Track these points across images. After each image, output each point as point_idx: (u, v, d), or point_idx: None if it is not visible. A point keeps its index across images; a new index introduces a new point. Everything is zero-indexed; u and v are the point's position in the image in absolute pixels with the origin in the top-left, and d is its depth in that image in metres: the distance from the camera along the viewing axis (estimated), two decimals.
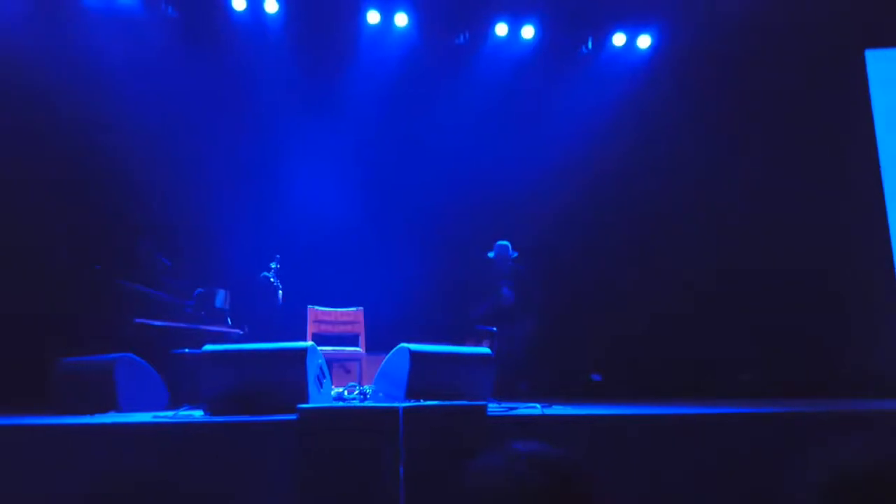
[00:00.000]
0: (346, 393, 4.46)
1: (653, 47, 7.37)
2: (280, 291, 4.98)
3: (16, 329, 5.51)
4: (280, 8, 6.81)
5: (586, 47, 7.39)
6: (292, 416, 2.75)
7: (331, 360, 5.20)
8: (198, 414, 3.32)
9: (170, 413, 3.50)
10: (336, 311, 5.75)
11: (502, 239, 6.13)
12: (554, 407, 3.58)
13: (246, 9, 6.75)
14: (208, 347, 3.49)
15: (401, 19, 7.01)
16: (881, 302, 6.71)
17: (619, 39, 7.37)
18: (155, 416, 3.24)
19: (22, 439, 2.78)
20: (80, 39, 6.35)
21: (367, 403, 3.86)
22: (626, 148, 7.09)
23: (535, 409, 3.27)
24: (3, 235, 5.83)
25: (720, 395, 5.50)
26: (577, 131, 6.99)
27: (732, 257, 6.79)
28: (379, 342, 5.24)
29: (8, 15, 6.14)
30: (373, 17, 6.98)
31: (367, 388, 4.32)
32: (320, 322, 5.64)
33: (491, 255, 6.08)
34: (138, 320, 5.05)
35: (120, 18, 6.49)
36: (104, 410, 3.72)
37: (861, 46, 7.19)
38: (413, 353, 3.56)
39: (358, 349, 5.55)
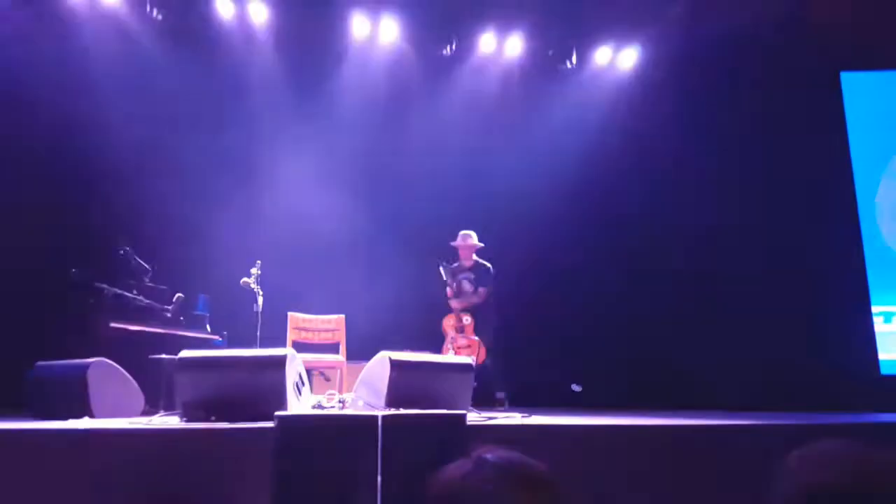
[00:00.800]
0: (325, 401, 4.44)
1: (636, 64, 7.49)
2: (260, 297, 4.94)
3: None
4: (268, 16, 6.81)
5: (570, 62, 7.48)
6: (270, 424, 2.73)
7: (310, 368, 5.17)
8: (174, 421, 3.28)
9: (145, 420, 3.45)
10: (317, 318, 5.72)
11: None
12: (533, 416, 3.59)
13: (233, 16, 6.74)
14: (185, 353, 3.45)
15: (388, 29, 7.04)
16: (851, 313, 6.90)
17: (602, 55, 7.48)
18: (130, 423, 3.19)
19: None
20: (63, 39, 6.30)
21: (346, 412, 3.84)
22: (611, 160, 7.18)
23: (515, 418, 3.27)
24: None
25: (704, 406, 5.55)
26: (561, 143, 7.06)
27: (714, 266, 6.90)
28: (360, 350, 5.22)
29: None
30: (360, 26, 7.00)
31: (347, 397, 4.29)
32: (300, 329, 5.61)
33: (453, 243, 6.07)
34: (115, 324, 4.98)
35: (104, 19, 6.44)
36: (77, 416, 3.65)
37: (837, 69, 7.42)
38: (394, 362, 3.56)
39: (338, 357, 5.52)
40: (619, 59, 7.50)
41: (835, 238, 7.07)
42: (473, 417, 3.36)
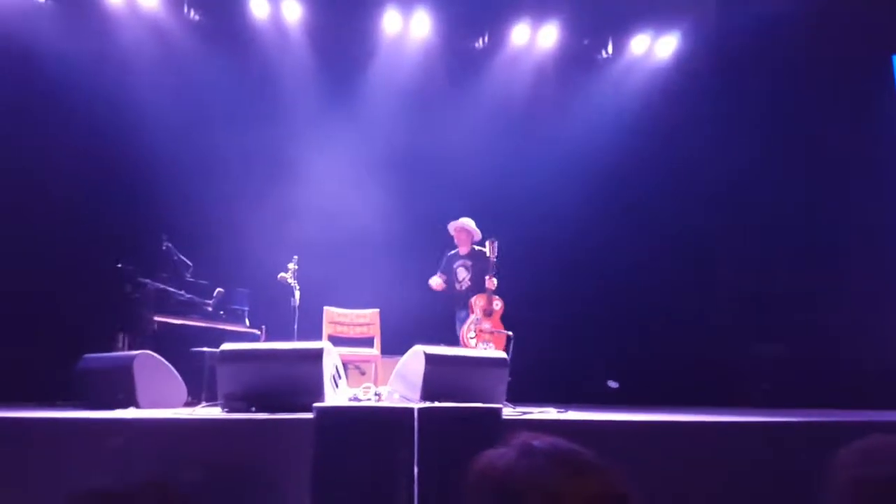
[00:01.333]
0: (361, 394, 4.48)
1: (674, 52, 7.33)
2: (297, 292, 5.01)
3: (42, 325, 5.61)
4: (301, 14, 6.88)
5: (606, 51, 7.37)
6: (309, 415, 2.77)
7: (346, 362, 5.22)
8: (216, 411, 3.36)
9: (188, 410, 3.54)
10: (351, 313, 5.77)
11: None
12: (569, 412, 3.57)
13: (268, 15, 6.83)
14: (226, 346, 3.52)
15: (420, 23, 7.04)
16: None
17: (639, 44, 7.34)
18: (174, 413, 3.29)
19: (46, 433, 2.83)
20: (105, 41, 6.46)
21: (382, 404, 3.87)
22: (648, 151, 7.06)
23: (551, 413, 3.25)
24: (29, 234, 5.93)
25: (741, 403, 5.44)
26: (597, 135, 6.97)
27: (752, 261, 6.75)
28: (394, 344, 5.25)
29: (34, 16, 6.26)
30: (392, 21, 7.02)
31: (382, 390, 4.33)
32: (336, 323, 5.67)
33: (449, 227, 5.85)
34: (158, 317, 5.12)
35: (143, 20, 6.59)
36: (124, 406, 3.77)
37: (887, 52, 7.13)
38: (428, 356, 3.57)
39: (373, 351, 5.57)
40: (657, 47, 7.35)
41: (885, 228, 6.81)
42: (509, 412, 3.36)
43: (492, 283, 5.48)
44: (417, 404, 3.05)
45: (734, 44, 7.01)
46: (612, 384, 6.47)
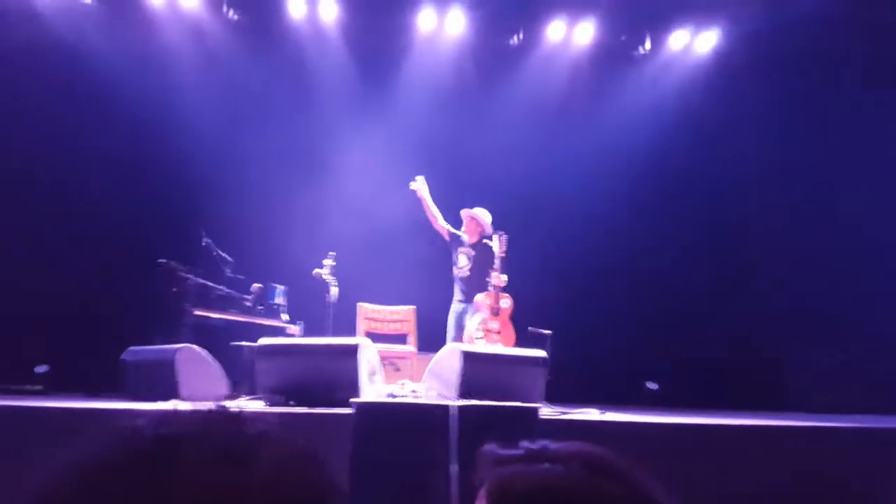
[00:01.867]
0: (397, 390, 4.50)
1: (714, 48, 7.18)
2: (333, 288, 5.05)
3: (89, 320, 5.77)
4: (337, 13, 6.93)
5: (643, 48, 7.26)
6: (347, 410, 2.80)
7: (381, 358, 5.25)
8: (257, 404, 3.41)
9: (230, 403, 3.60)
10: (385, 309, 5.80)
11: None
12: (609, 413, 3.53)
13: (304, 14, 6.90)
14: (264, 341, 3.58)
15: (455, 20, 7.03)
16: None
17: (678, 40, 7.21)
18: (216, 406, 3.34)
19: (90, 422, 2.91)
20: (147, 41, 6.61)
21: (419, 401, 3.89)
22: (686, 150, 6.94)
23: (591, 413, 3.22)
24: (76, 232, 6.10)
25: (791, 407, 5.31)
26: (632, 133, 6.88)
27: (796, 261, 6.57)
28: (429, 341, 5.26)
29: (81, 17, 6.45)
30: (427, 18, 7.02)
31: (419, 387, 4.35)
32: (370, 319, 5.71)
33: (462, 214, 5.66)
34: (198, 312, 5.22)
35: (184, 20, 6.73)
36: (167, 398, 3.85)
37: None
38: (465, 353, 3.58)
39: (409, 347, 5.59)
40: (696, 43, 7.20)
41: None
42: (547, 412, 3.33)
43: (500, 279, 5.22)
44: (455, 402, 3.05)
45: (777, 41, 6.81)
46: (651, 386, 6.36)
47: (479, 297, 5.26)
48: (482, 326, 5.13)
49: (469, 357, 3.56)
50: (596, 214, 6.86)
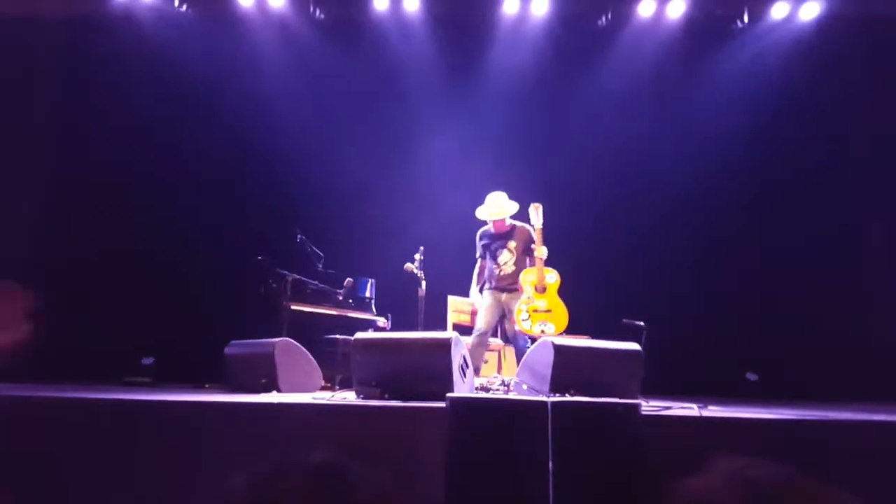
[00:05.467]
0: (488, 383, 4.48)
1: (819, 17, 6.65)
2: (423, 283, 5.07)
3: (196, 313, 6.10)
4: (419, 3, 6.93)
5: (741, 21, 6.83)
6: (441, 404, 2.79)
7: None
8: (351, 397, 3.48)
9: (326, 395, 3.69)
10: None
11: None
12: (710, 407, 3.35)
13: (388, 5, 6.94)
14: (360, 335, 3.63)
15: (539, 4, 6.86)
16: None
17: (779, 10, 6.73)
18: (313, 398, 3.44)
19: (196, 415, 3.03)
20: (238, 43, 6.87)
21: (511, 395, 3.84)
22: (788, 129, 6.49)
23: (692, 409, 3.06)
24: (181, 232, 6.45)
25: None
26: (729, 113, 6.51)
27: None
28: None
29: (178, 25, 6.79)
30: (511, 2, 6.89)
31: (509, 379, 4.30)
32: (460, 312, 5.71)
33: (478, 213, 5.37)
34: (294, 306, 5.40)
35: (272, 21, 6.94)
36: (267, 390, 4.00)
37: None
38: (557, 347, 3.49)
39: (497, 340, 5.55)
40: (799, 13, 6.70)
41: None
42: (646, 407, 3.20)
43: (542, 252, 4.84)
44: (550, 397, 2.99)
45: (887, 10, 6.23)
46: (752, 376, 6.03)
47: (521, 275, 4.95)
48: (527, 307, 4.79)
49: (561, 351, 3.48)
50: (691, 199, 6.56)
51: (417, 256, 5.05)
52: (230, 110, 6.70)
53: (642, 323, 4.99)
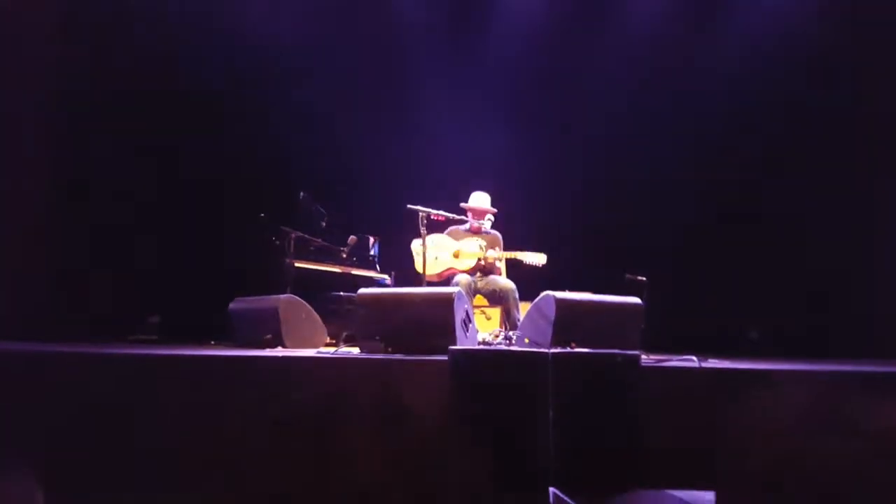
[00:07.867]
0: (490, 338, 4.53)
1: None
2: (426, 237, 5.06)
3: (199, 271, 6.12)
4: None
5: None
6: (443, 357, 2.83)
7: (474, 307, 5.27)
8: (355, 351, 3.53)
9: (330, 349, 3.75)
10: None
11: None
12: (710, 361, 3.39)
13: None
14: (363, 291, 3.66)
15: None
16: None
17: None
18: (318, 353, 3.49)
19: (204, 368, 3.10)
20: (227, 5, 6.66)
21: (513, 348, 3.89)
22: (797, 84, 6.34)
23: (692, 362, 3.10)
24: (179, 189, 6.42)
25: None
26: (751, 70, 6.36)
27: None
28: (524, 291, 5.22)
29: None
30: None
31: (512, 334, 4.35)
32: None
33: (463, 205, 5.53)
34: (298, 263, 5.43)
35: None
36: (272, 345, 4.06)
37: None
38: (559, 300, 3.52)
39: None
40: None
41: None
42: (644, 359, 3.24)
43: (499, 255, 5.24)
44: (551, 349, 3.02)
45: None
46: (753, 334, 6.08)
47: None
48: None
49: (563, 304, 3.51)
50: (706, 161, 6.49)
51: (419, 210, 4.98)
52: (221, 68, 6.52)
53: (644, 278, 5.00)
